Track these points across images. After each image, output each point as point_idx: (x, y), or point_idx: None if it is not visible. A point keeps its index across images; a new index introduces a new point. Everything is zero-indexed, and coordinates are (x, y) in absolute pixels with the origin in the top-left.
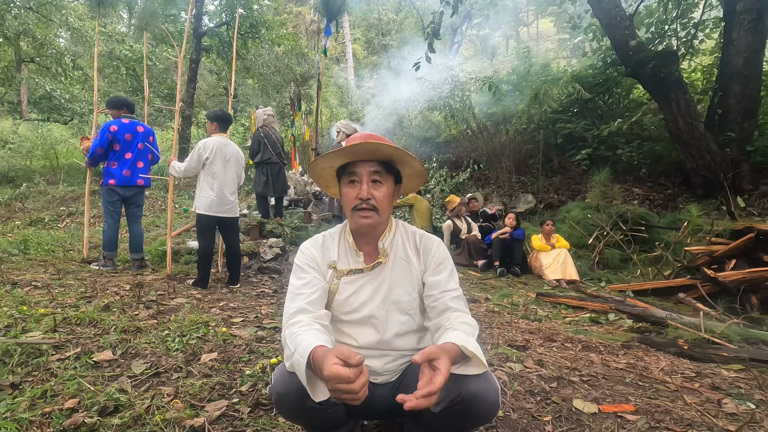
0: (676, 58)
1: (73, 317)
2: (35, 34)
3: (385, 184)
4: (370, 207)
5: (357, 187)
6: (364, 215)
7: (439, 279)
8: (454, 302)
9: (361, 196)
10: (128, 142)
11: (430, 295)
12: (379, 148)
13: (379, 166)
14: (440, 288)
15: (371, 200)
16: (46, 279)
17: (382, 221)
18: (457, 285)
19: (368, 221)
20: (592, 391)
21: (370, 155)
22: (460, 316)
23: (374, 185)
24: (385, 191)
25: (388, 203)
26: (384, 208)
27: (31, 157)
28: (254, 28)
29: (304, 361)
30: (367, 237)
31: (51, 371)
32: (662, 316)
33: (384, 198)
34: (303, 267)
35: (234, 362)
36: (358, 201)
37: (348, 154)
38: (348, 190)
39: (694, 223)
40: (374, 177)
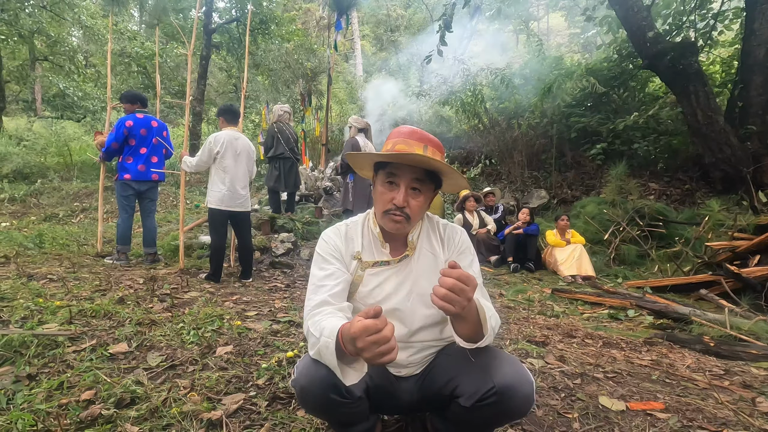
0: (695, 49)
1: (88, 309)
2: (48, 33)
3: (424, 193)
4: (403, 215)
5: (394, 190)
6: (395, 220)
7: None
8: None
9: (396, 202)
10: (143, 137)
11: None
12: (429, 162)
13: (422, 174)
14: None
15: (406, 209)
16: (62, 272)
17: (412, 226)
18: (477, 274)
19: (397, 226)
20: (618, 388)
21: (416, 164)
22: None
23: (412, 193)
24: (422, 200)
25: (420, 212)
26: (416, 216)
27: (46, 154)
28: (264, 24)
29: (333, 341)
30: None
31: (67, 363)
32: (685, 313)
33: (419, 207)
34: (326, 257)
35: (250, 355)
36: (392, 206)
37: (396, 159)
38: (384, 191)
39: (715, 218)
40: (414, 184)
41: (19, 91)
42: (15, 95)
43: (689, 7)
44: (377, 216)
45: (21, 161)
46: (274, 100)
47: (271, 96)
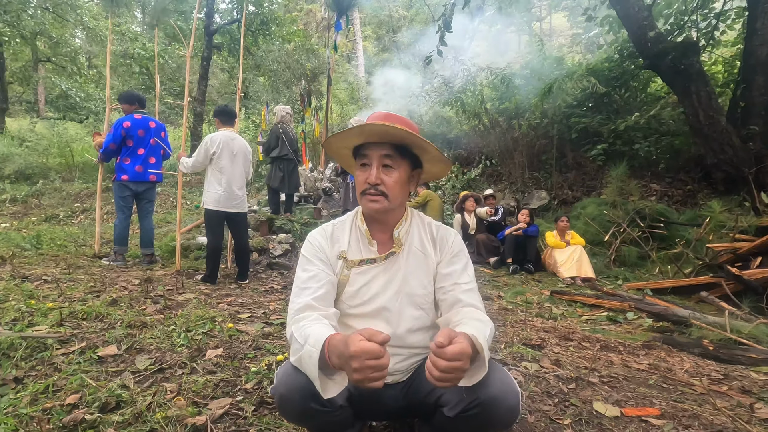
0: (697, 49)
1: (80, 311)
2: (51, 34)
3: (398, 169)
4: (378, 192)
5: (367, 170)
6: (372, 199)
7: (452, 270)
8: (466, 295)
9: (369, 180)
10: (141, 138)
11: (441, 287)
12: (387, 131)
13: (391, 149)
14: (452, 280)
15: (380, 185)
16: (57, 273)
17: (393, 207)
18: (471, 278)
19: (376, 206)
20: (614, 393)
21: (380, 137)
22: (471, 312)
23: (384, 170)
24: (396, 177)
25: (399, 189)
26: (395, 195)
27: (48, 155)
28: (265, 25)
29: (317, 351)
30: (381, 224)
31: (55, 366)
32: (684, 315)
33: (395, 184)
34: (310, 258)
35: (239, 359)
36: (367, 185)
37: (357, 134)
38: (359, 173)
39: (716, 219)
40: (385, 161)
41: (22, 92)
42: (18, 96)
43: (691, 6)
44: (360, 204)
45: (23, 162)
46: (274, 101)
47: (271, 96)
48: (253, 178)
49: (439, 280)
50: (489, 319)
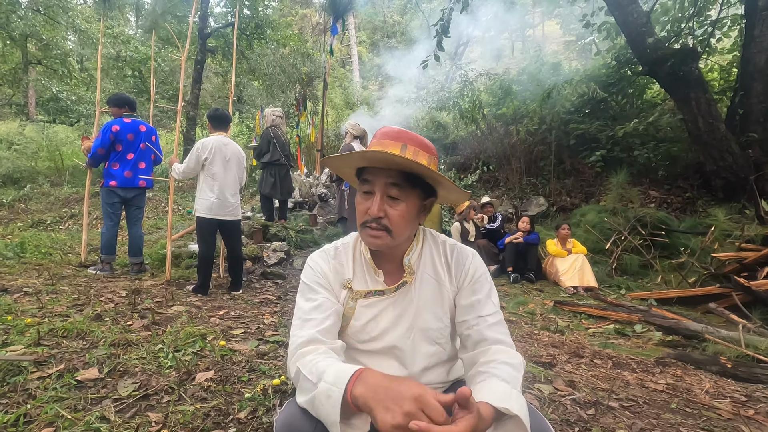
0: (696, 55)
1: (60, 329)
2: (41, 36)
3: (406, 201)
4: (381, 227)
5: (369, 199)
6: (372, 234)
7: (474, 301)
8: (493, 331)
9: (370, 212)
10: (130, 143)
11: (464, 321)
12: (394, 160)
13: (398, 177)
14: (475, 313)
15: (383, 219)
16: (39, 285)
17: (397, 243)
18: (496, 307)
19: (377, 242)
20: (637, 420)
21: (386, 164)
22: (500, 352)
23: (390, 201)
24: (402, 210)
25: (405, 224)
26: (400, 231)
27: (36, 159)
28: (260, 29)
29: (339, 390)
30: (388, 254)
31: (29, 392)
32: (697, 330)
33: (400, 218)
34: (312, 286)
35: (232, 383)
36: (368, 217)
37: (358, 159)
38: (360, 201)
39: (721, 227)
40: (391, 191)
41: (12, 95)
42: (8, 99)
43: (687, 14)
44: (360, 234)
45: (11, 166)
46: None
47: (266, 101)
48: (247, 183)
49: (461, 312)
50: (518, 355)
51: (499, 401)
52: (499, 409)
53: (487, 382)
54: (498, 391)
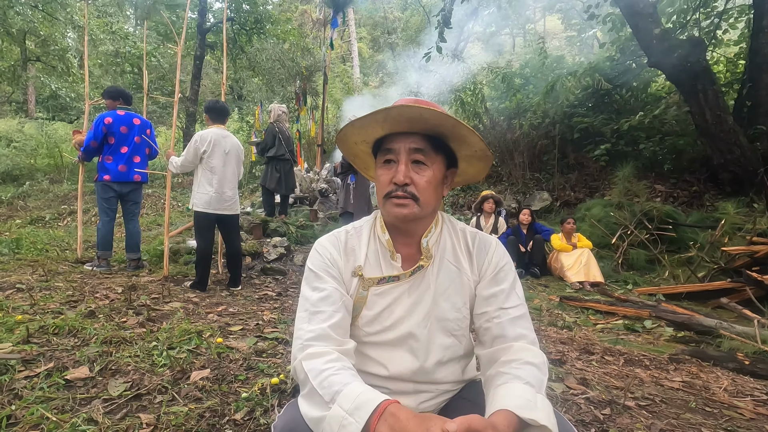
0: (703, 46)
1: (51, 325)
2: (39, 32)
3: (431, 166)
4: (407, 194)
5: (393, 168)
6: (399, 203)
7: (497, 291)
8: (515, 325)
9: (396, 180)
10: (124, 135)
11: (484, 313)
12: (422, 114)
13: (423, 142)
14: (497, 304)
15: (409, 186)
16: (32, 281)
17: (424, 215)
18: (520, 300)
19: (404, 211)
20: (656, 421)
21: (410, 125)
22: (523, 350)
23: (415, 167)
24: (429, 176)
25: (433, 192)
26: (428, 199)
27: (36, 156)
28: (259, 24)
29: (359, 425)
30: (407, 235)
31: (15, 392)
32: (711, 325)
33: (428, 185)
34: (319, 273)
35: (229, 381)
36: (393, 186)
37: (381, 120)
38: (382, 172)
39: (730, 221)
40: (416, 156)
41: (12, 92)
42: (7, 96)
43: (693, 5)
44: (381, 210)
45: (10, 163)
46: (269, 100)
47: (265, 95)
48: (246, 179)
49: (481, 304)
50: (541, 353)
51: (524, 410)
52: (526, 420)
53: (509, 385)
54: (522, 398)
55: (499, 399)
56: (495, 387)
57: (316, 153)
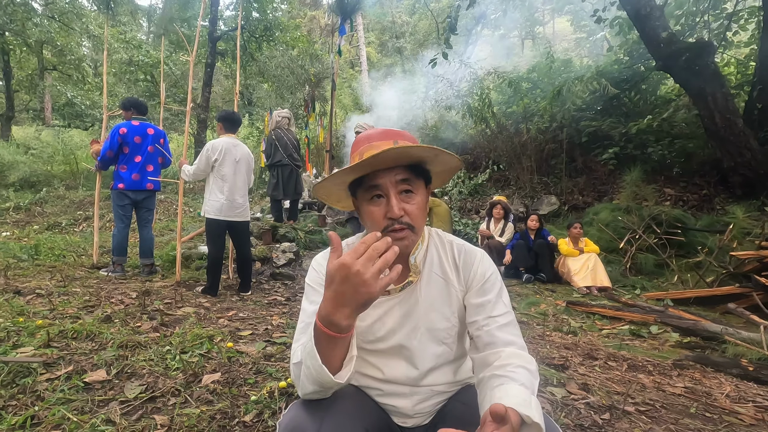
0: (712, 49)
1: (69, 330)
2: (56, 42)
3: (417, 192)
4: (404, 225)
5: (383, 203)
6: (399, 236)
7: (484, 301)
8: (503, 332)
9: (391, 215)
10: (137, 145)
11: (474, 322)
12: (407, 153)
13: (406, 172)
14: (486, 313)
15: (404, 218)
16: (51, 286)
17: (419, 238)
18: (507, 308)
19: (404, 242)
20: (654, 426)
21: (395, 161)
22: (514, 356)
23: (404, 196)
24: (418, 202)
25: (422, 216)
26: (420, 223)
27: (52, 162)
28: (268, 31)
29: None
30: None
31: (38, 394)
32: (717, 331)
33: (419, 211)
34: (315, 288)
35: (238, 385)
36: (389, 221)
37: (365, 168)
38: (373, 209)
39: (739, 225)
40: (403, 186)
41: (29, 101)
42: (25, 104)
43: (702, 7)
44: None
45: (28, 170)
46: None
47: (274, 102)
48: (257, 185)
49: (471, 313)
50: (532, 359)
51: (522, 408)
52: (522, 416)
53: (506, 386)
54: (519, 397)
55: (497, 400)
56: (492, 389)
57: (324, 159)
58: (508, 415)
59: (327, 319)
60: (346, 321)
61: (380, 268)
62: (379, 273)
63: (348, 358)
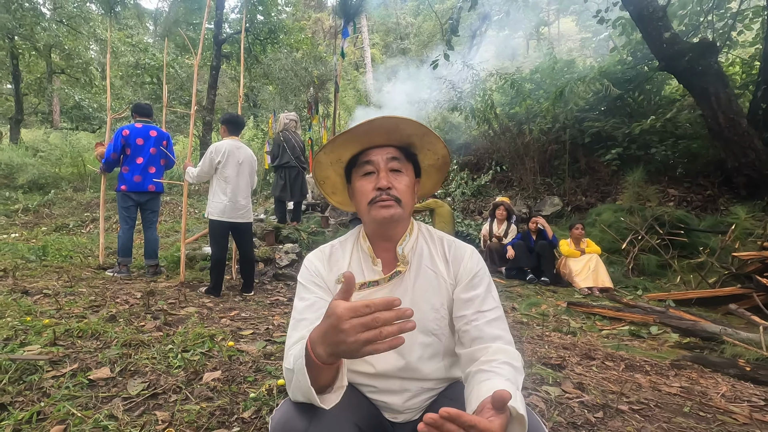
0: (715, 49)
1: (75, 329)
2: (64, 46)
3: (406, 172)
4: (391, 197)
5: (374, 178)
6: (385, 205)
7: (474, 296)
8: (492, 327)
9: (380, 185)
10: (139, 147)
11: (462, 316)
12: (398, 125)
13: (397, 152)
14: (474, 307)
15: (392, 190)
16: (58, 287)
17: (405, 216)
18: (496, 303)
19: (390, 211)
20: (647, 424)
21: (386, 137)
22: (500, 351)
23: (393, 174)
24: (406, 181)
25: (411, 195)
26: (407, 201)
27: (60, 165)
28: (273, 34)
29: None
30: (387, 240)
31: (44, 390)
32: (715, 331)
33: (407, 188)
34: (306, 285)
35: (238, 382)
36: (377, 192)
37: (362, 136)
38: (363, 183)
39: (742, 226)
40: (393, 165)
41: (38, 104)
42: (33, 107)
43: (706, 6)
44: (366, 216)
45: (36, 172)
46: (282, 109)
47: (278, 105)
48: (261, 186)
49: (459, 307)
50: (518, 354)
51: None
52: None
53: (492, 381)
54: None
55: (485, 393)
56: (479, 383)
57: None
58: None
59: (312, 345)
60: (326, 356)
61: (368, 339)
62: (364, 343)
63: (338, 386)
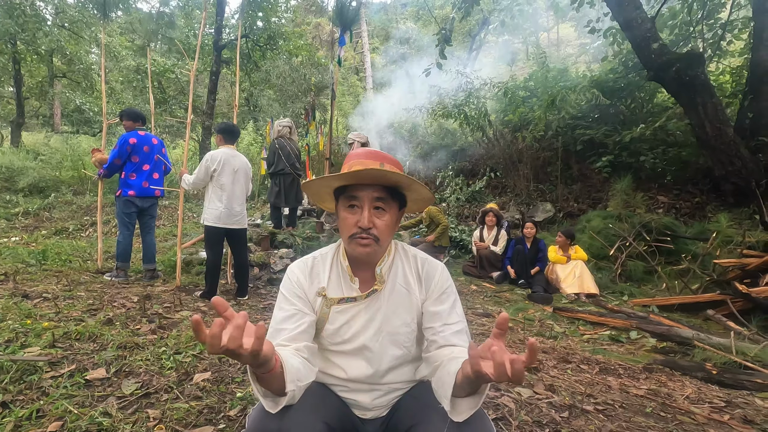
0: (701, 60)
1: (73, 332)
2: (66, 51)
3: (389, 211)
4: (370, 236)
5: (357, 213)
6: (363, 243)
7: (441, 310)
8: (457, 337)
9: (361, 224)
10: (146, 154)
11: (431, 327)
12: (385, 175)
13: (383, 192)
14: (441, 320)
15: (372, 230)
16: (57, 291)
17: (381, 251)
18: (460, 317)
19: (366, 249)
20: (607, 423)
21: (373, 180)
22: (465, 351)
23: (376, 212)
24: (387, 220)
25: (389, 232)
26: (385, 238)
27: (61, 168)
28: (272, 40)
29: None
30: (364, 262)
31: (43, 390)
32: (688, 336)
33: (386, 227)
34: (287, 296)
35: (226, 383)
36: (357, 229)
37: (349, 179)
38: (347, 215)
39: (724, 233)
40: (377, 204)
41: (39, 107)
42: (35, 111)
43: (696, 17)
44: (346, 245)
45: (37, 175)
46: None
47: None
48: (258, 192)
49: (428, 319)
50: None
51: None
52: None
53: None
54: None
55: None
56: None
57: (324, 166)
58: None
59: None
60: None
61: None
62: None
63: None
